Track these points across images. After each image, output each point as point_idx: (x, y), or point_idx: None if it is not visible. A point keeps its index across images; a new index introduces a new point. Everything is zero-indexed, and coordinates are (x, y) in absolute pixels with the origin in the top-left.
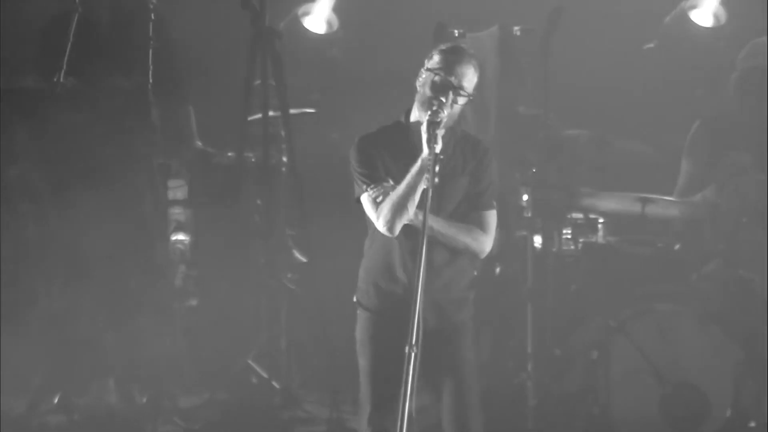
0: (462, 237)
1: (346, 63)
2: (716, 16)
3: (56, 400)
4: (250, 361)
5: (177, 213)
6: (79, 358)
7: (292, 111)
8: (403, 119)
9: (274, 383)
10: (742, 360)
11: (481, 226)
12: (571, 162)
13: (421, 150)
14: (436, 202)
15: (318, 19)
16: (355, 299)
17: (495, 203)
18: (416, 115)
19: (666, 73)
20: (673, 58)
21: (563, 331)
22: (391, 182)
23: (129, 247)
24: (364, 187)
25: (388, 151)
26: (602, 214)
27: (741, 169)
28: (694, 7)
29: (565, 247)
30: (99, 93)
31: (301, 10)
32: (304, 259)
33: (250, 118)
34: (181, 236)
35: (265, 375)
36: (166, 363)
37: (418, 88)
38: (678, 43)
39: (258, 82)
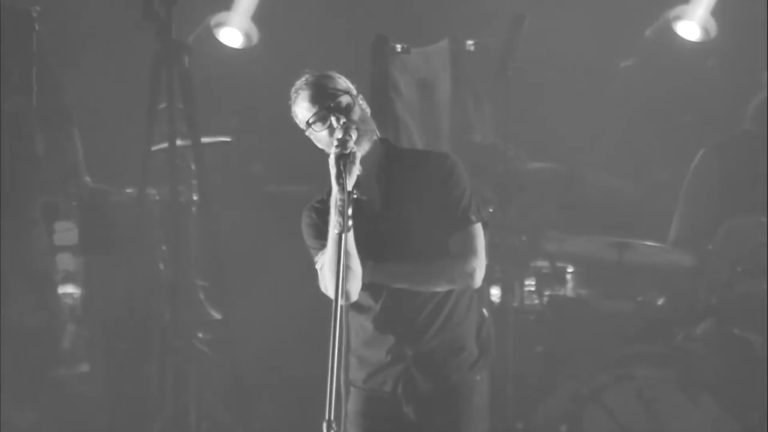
0: (435, 275)
1: (268, 83)
2: (705, 29)
3: None
4: None
5: (65, 261)
6: None
7: (204, 139)
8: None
9: None
10: None
11: (460, 248)
12: (535, 201)
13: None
14: (390, 243)
15: (234, 31)
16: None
17: (475, 218)
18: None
19: (647, 95)
20: (656, 77)
21: (527, 401)
22: None
23: (7, 300)
24: (315, 259)
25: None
26: (572, 261)
27: None
28: (679, 18)
29: (528, 302)
30: None
31: (214, 21)
32: (218, 316)
33: (153, 149)
34: (69, 289)
35: None
36: None
37: (319, 144)
38: (661, 60)
39: (163, 105)
